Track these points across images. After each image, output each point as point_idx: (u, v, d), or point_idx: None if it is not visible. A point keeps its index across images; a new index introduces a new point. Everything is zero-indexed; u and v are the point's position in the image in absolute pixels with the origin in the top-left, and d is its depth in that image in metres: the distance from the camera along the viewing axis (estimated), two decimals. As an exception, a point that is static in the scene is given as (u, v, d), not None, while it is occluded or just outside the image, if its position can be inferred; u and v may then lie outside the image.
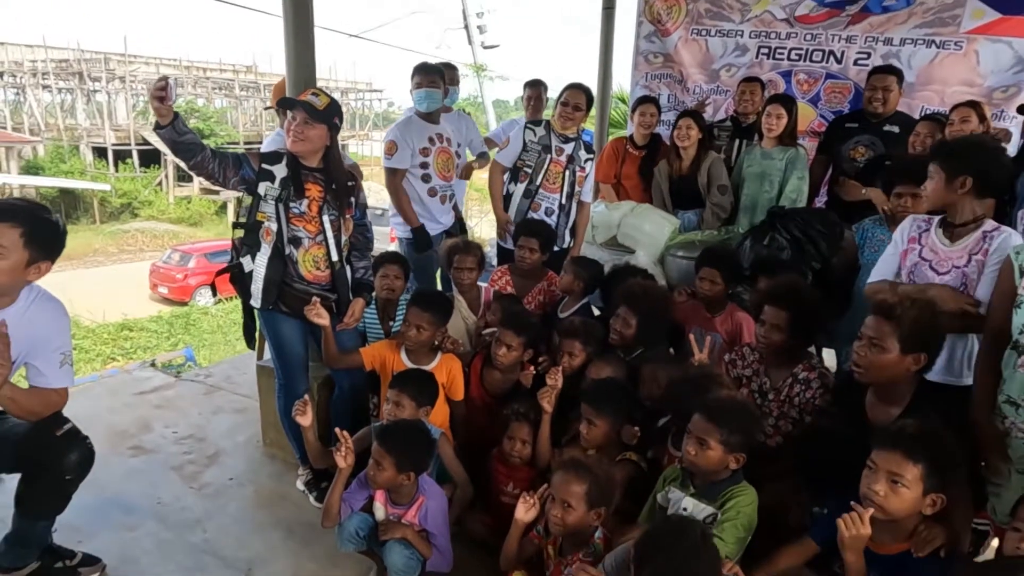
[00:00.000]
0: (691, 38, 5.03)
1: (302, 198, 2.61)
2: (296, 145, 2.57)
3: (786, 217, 3.56)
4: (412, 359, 2.79)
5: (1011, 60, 4.27)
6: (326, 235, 2.66)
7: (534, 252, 3.44)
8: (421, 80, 3.74)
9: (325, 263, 2.69)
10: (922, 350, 1.99)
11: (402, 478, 2.13)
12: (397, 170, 3.74)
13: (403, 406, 2.39)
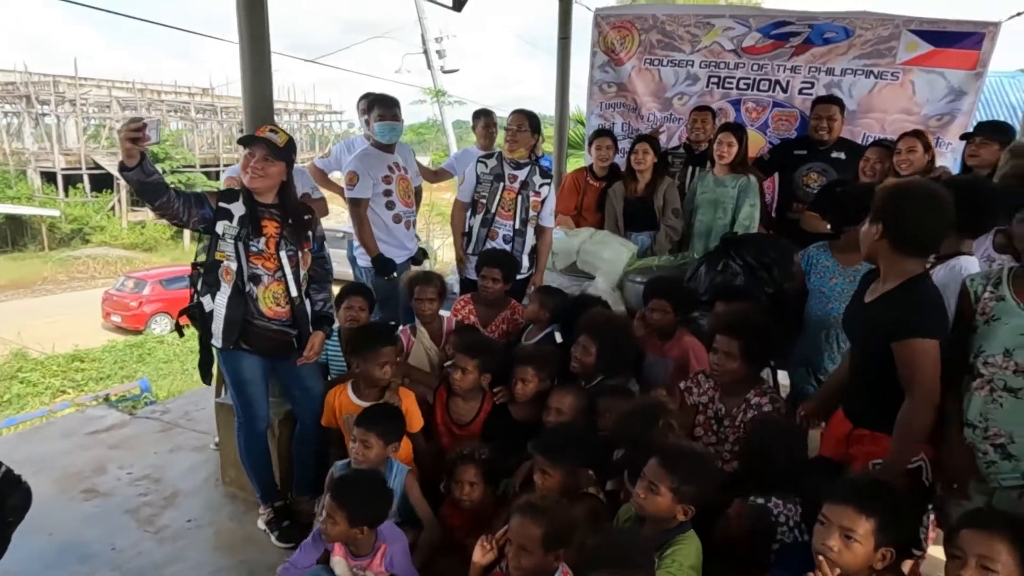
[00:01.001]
0: (644, 68, 5.17)
1: (260, 236, 2.60)
2: (255, 182, 2.57)
3: (739, 244, 3.68)
4: (360, 396, 2.78)
5: (944, 90, 4.52)
6: (284, 271, 2.65)
7: (497, 282, 3.48)
8: (384, 113, 3.81)
9: (285, 299, 2.68)
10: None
11: (355, 532, 2.10)
12: (361, 200, 3.76)
13: (371, 445, 2.38)
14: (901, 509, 1.76)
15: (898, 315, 2.00)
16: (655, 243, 4.33)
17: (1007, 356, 1.95)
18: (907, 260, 2.03)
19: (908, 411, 1.98)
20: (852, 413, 2.28)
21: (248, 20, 2.90)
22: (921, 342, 1.95)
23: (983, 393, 2.00)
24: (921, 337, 1.95)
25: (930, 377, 1.96)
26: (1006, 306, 1.98)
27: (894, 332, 1.99)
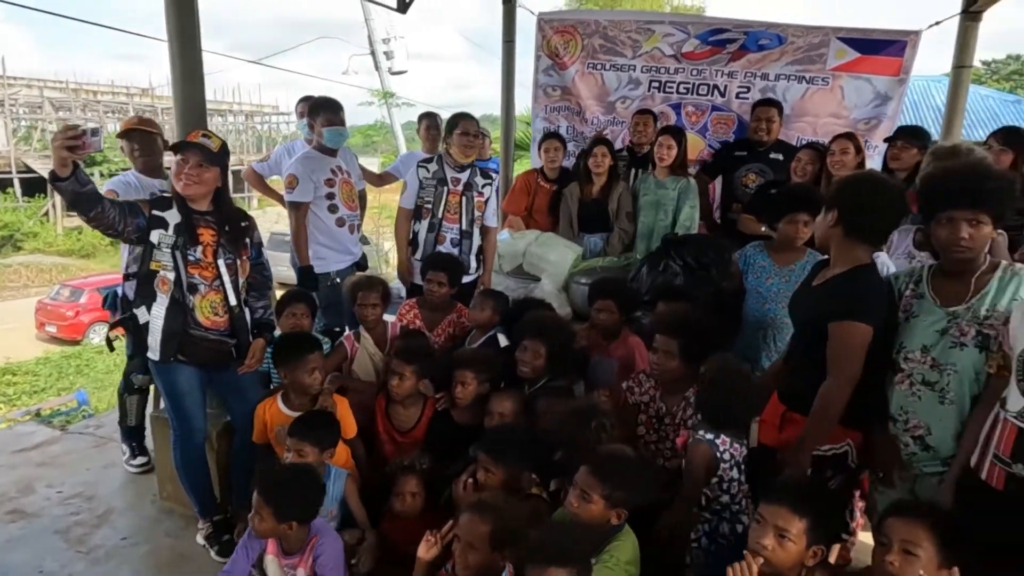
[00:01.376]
0: (587, 72, 5.24)
1: (196, 244, 2.54)
2: (189, 189, 2.50)
3: (680, 245, 3.77)
4: (291, 407, 2.73)
5: (871, 95, 4.73)
6: (223, 280, 2.59)
7: (442, 286, 3.48)
8: (332, 118, 3.76)
9: (223, 308, 2.62)
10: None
11: (284, 528, 2.06)
12: (300, 203, 3.70)
13: (306, 454, 2.35)
14: (832, 507, 1.83)
15: (840, 298, 2.08)
16: (608, 245, 4.40)
17: (925, 352, 2.04)
18: (858, 247, 2.12)
19: (827, 389, 2.06)
20: (786, 395, 2.35)
21: (177, 18, 2.79)
22: (855, 325, 2.03)
23: (903, 387, 2.09)
24: (856, 320, 2.03)
25: (855, 360, 2.04)
26: (924, 303, 2.07)
27: (834, 313, 2.07)
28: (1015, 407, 1.74)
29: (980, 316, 1.95)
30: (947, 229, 1.95)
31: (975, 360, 1.95)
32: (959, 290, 2.01)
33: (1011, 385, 1.76)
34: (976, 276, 1.99)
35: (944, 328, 2.01)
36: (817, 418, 2.10)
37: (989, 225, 1.93)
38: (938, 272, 2.09)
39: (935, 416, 2.03)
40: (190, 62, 2.84)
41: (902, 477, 2.15)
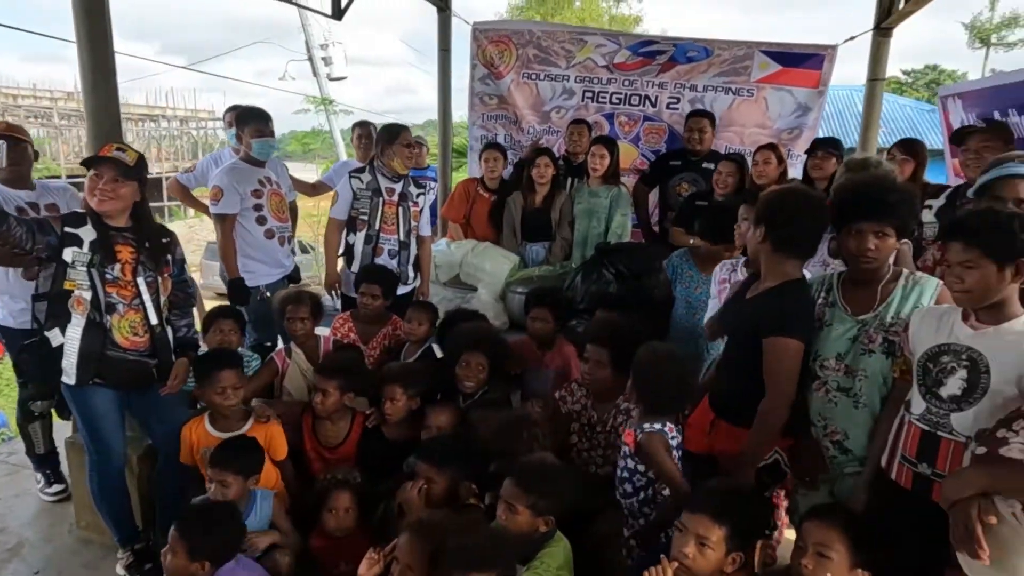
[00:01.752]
0: (522, 81, 5.29)
1: (114, 262, 2.43)
2: (105, 205, 2.40)
3: (612, 253, 3.84)
4: (218, 427, 2.65)
5: (793, 106, 4.93)
6: (143, 298, 2.50)
7: (376, 298, 3.44)
8: (262, 128, 3.69)
9: (143, 328, 2.52)
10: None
11: (195, 567, 1.99)
12: (226, 216, 3.61)
13: (229, 484, 2.27)
14: (754, 511, 1.89)
15: (771, 313, 2.13)
16: (550, 254, 4.43)
17: (839, 359, 2.12)
18: (787, 262, 2.16)
19: (766, 405, 2.12)
20: (716, 403, 2.41)
21: (86, 17, 2.61)
22: (787, 341, 2.08)
23: (820, 394, 2.17)
24: (788, 336, 2.09)
25: (790, 375, 2.10)
26: (836, 312, 2.16)
27: (765, 328, 2.12)
28: (917, 410, 1.82)
29: (886, 323, 2.05)
30: (855, 240, 2.04)
31: (883, 366, 2.04)
32: (867, 298, 2.10)
33: (913, 389, 1.86)
34: (882, 285, 2.09)
35: (855, 336, 2.10)
36: (758, 433, 2.14)
37: (893, 237, 2.03)
38: (847, 281, 2.18)
39: (851, 420, 2.12)
40: (102, 66, 2.69)
41: (825, 479, 2.24)
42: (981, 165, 2.78)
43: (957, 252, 1.71)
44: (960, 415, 1.72)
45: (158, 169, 29.38)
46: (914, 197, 2.09)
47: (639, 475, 2.27)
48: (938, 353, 1.79)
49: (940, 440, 1.76)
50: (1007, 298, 1.71)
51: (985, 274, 1.67)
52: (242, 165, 3.71)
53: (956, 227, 1.74)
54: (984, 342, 1.72)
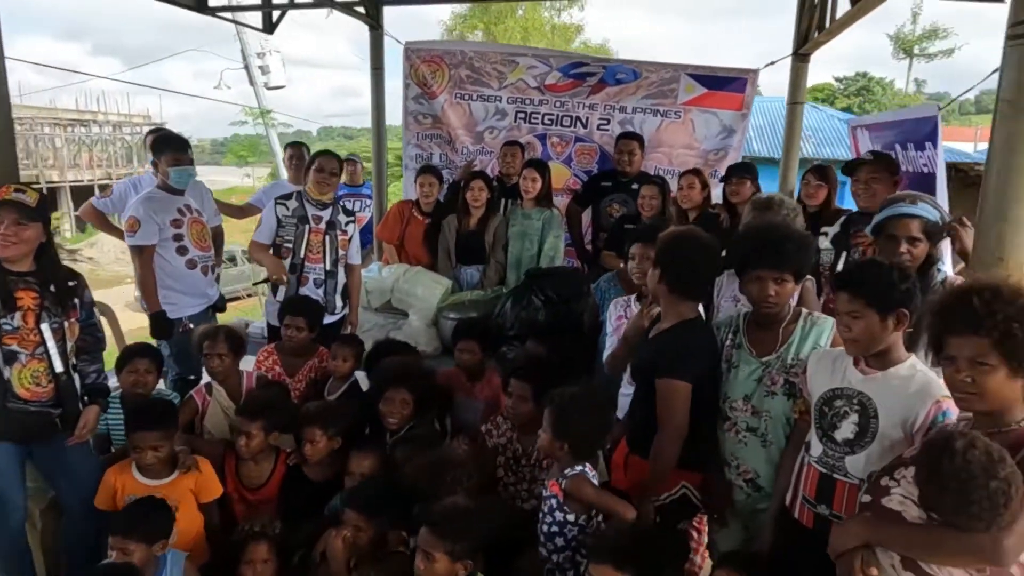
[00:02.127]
0: (455, 101, 5.28)
1: (13, 311, 2.31)
2: (8, 250, 2.28)
3: (541, 279, 3.86)
4: (145, 475, 2.55)
5: (718, 128, 5.08)
6: (47, 346, 2.37)
7: (301, 330, 3.36)
8: (179, 157, 3.57)
9: (47, 377, 2.39)
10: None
11: None
12: (144, 247, 3.48)
13: (131, 551, 2.16)
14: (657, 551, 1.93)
15: (664, 354, 2.21)
16: (484, 277, 4.42)
17: (746, 400, 2.19)
18: (682, 303, 2.25)
19: (658, 443, 2.19)
20: (630, 437, 2.46)
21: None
22: (673, 382, 2.16)
23: (731, 435, 2.24)
24: (675, 378, 2.16)
25: (678, 414, 2.16)
26: (742, 353, 2.23)
27: (658, 369, 2.20)
28: (815, 452, 1.90)
29: (787, 365, 2.13)
30: (756, 286, 2.13)
31: (785, 407, 2.13)
32: (770, 340, 2.19)
33: (811, 431, 1.93)
34: (783, 326, 2.18)
35: (759, 377, 2.18)
36: (652, 469, 2.22)
37: (791, 281, 2.13)
38: (752, 322, 2.26)
39: (760, 459, 2.19)
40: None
41: (734, 514, 2.30)
42: (870, 195, 2.98)
43: (844, 302, 1.80)
44: (853, 458, 1.80)
45: (90, 176, 28.28)
46: (809, 243, 2.20)
47: (570, 526, 2.24)
48: (832, 397, 1.86)
49: (836, 482, 1.84)
50: (892, 345, 1.80)
51: (870, 323, 1.76)
52: (159, 194, 3.59)
53: (843, 278, 1.84)
54: (873, 387, 1.80)
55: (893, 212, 2.28)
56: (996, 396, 1.45)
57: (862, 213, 3.02)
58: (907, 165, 3.25)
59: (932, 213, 2.25)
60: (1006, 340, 1.41)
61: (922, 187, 3.00)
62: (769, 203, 2.78)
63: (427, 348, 4.00)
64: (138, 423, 2.52)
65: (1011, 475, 1.31)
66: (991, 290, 1.46)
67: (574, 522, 2.25)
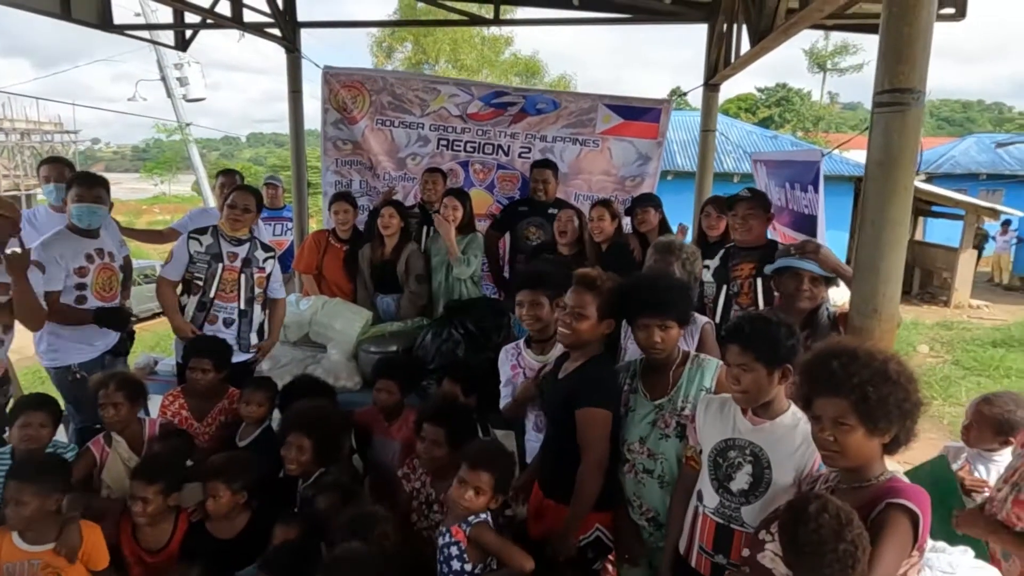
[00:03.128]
0: (376, 128, 5.24)
1: None
2: None
3: (461, 311, 3.87)
4: (27, 540, 2.38)
5: (635, 155, 5.23)
6: None
7: (207, 372, 3.24)
8: (83, 193, 3.35)
9: None
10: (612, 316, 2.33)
11: None
12: (52, 292, 3.25)
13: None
14: None
15: (583, 384, 2.27)
16: (400, 308, 4.38)
17: (642, 443, 2.27)
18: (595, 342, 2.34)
19: (583, 472, 2.24)
20: (544, 483, 2.50)
21: None
22: (595, 411, 2.23)
23: (631, 476, 2.31)
24: (596, 407, 2.23)
25: (602, 442, 2.23)
26: (638, 398, 2.31)
27: (578, 401, 2.24)
28: (711, 503, 1.97)
29: (678, 407, 2.22)
30: (643, 333, 2.22)
31: (678, 448, 2.20)
32: (662, 383, 2.28)
33: (705, 481, 2.00)
34: (673, 369, 2.28)
35: (653, 420, 2.25)
36: (578, 500, 2.25)
37: (676, 327, 2.22)
38: (646, 367, 2.35)
39: (659, 499, 2.26)
40: None
41: (642, 553, 2.36)
42: (746, 229, 3.19)
43: (734, 355, 1.88)
44: (749, 508, 1.89)
45: (-7, 187, 26.52)
46: (689, 289, 2.36)
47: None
48: (725, 448, 1.94)
49: (734, 532, 1.91)
50: (776, 396, 1.90)
51: (758, 377, 1.85)
52: (67, 234, 3.37)
53: (733, 332, 1.91)
54: (762, 437, 1.89)
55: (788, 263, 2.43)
56: (856, 454, 1.55)
57: (739, 247, 3.21)
58: (793, 204, 3.44)
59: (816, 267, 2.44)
60: (862, 402, 1.51)
61: (803, 227, 3.21)
62: (670, 247, 2.89)
63: (348, 383, 3.92)
64: (12, 473, 2.36)
65: (858, 537, 1.40)
66: (848, 354, 1.56)
67: (471, 572, 2.25)
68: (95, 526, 2.54)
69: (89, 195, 3.37)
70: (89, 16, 5.01)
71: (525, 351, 2.84)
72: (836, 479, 1.67)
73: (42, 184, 3.96)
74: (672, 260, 2.83)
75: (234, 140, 70.11)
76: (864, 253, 2.10)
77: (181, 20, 5.77)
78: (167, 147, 33.21)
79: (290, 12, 5.43)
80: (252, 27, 5.29)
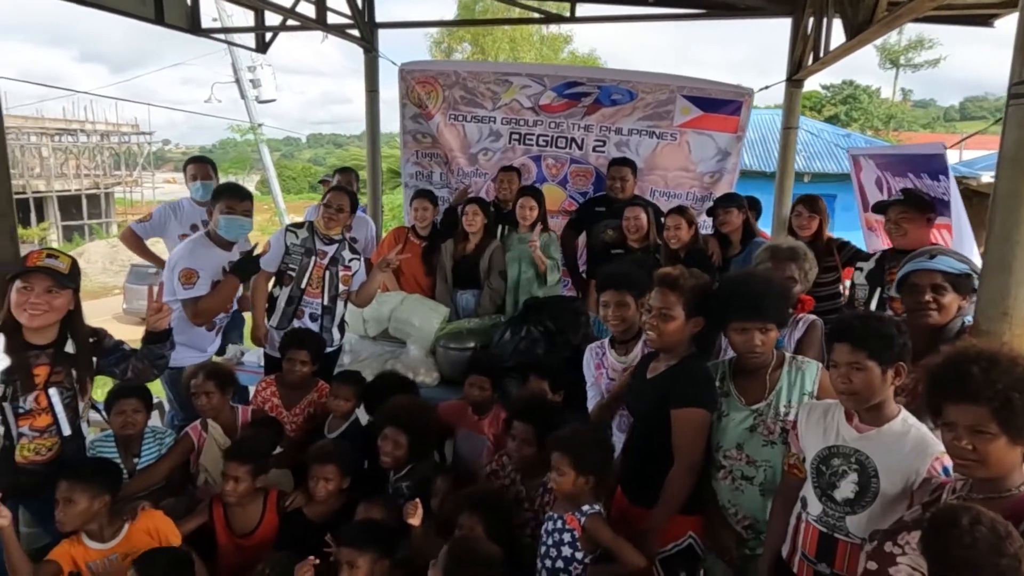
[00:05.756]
0: (450, 123, 5.26)
1: (31, 390, 2.25)
2: (37, 320, 2.21)
3: (539, 309, 3.86)
4: (96, 539, 2.43)
5: (714, 150, 5.08)
6: (58, 420, 2.32)
7: (304, 364, 3.33)
8: (234, 206, 3.40)
9: (50, 446, 2.35)
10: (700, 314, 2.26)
11: None
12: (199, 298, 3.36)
13: None
14: None
15: (677, 385, 2.23)
16: (479, 304, 4.40)
17: (739, 449, 2.20)
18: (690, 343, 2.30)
19: (674, 475, 2.19)
20: (627, 486, 2.46)
21: None
22: (694, 411, 2.18)
23: (727, 483, 2.24)
24: (692, 407, 2.18)
25: (698, 445, 2.18)
26: (732, 401, 2.24)
27: (671, 401, 2.20)
28: (814, 511, 1.88)
29: (780, 413, 2.14)
30: (741, 337, 2.15)
31: (783, 455, 2.11)
32: (758, 387, 2.20)
33: (808, 489, 1.91)
34: (769, 373, 2.20)
35: (752, 425, 2.18)
36: (664, 503, 2.21)
37: (775, 330, 2.16)
38: (738, 370, 2.27)
39: (759, 507, 2.19)
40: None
41: (737, 555, 2.29)
42: (901, 233, 3.03)
43: (845, 354, 1.79)
44: (855, 518, 1.79)
45: (77, 186, 28.03)
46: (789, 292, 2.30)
47: (576, 564, 2.25)
48: (828, 456, 1.86)
49: (838, 542, 1.83)
50: (886, 399, 1.80)
51: (870, 375, 1.76)
52: (207, 244, 3.45)
53: (843, 330, 1.82)
54: (869, 445, 1.80)
55: (912, 267, 2.31)
56: (997, 463, 1.46)
57: (896, 251, 3.05)
58: (928, 192, 3.28)
59: (955, 266, 2.26)
60: (1005, 409, 1.42)
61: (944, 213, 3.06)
62: (793, 254, 2.73)
63: (426, 378, 3.96)
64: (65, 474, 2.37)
65: (1021, 550, 1.30)
66: (988, 359, 1.47)
67: (581, 560, 2.25)
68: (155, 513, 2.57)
69: (239, 208, 3.44)
70: (180, 21, 5.21)
71: (609, 352, 2.80)
72: (966, 489, 1.56)
73: (189, 182, 4.19)
74: (794, 268, 2.69)
75: (295, 141, 72.05)
76: (994, 253, 1.97)
77: (261, 23, 5.95)
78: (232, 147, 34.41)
79: (369, 13, 5.52)
80: (332, 28, 5.40)
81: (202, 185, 4.15)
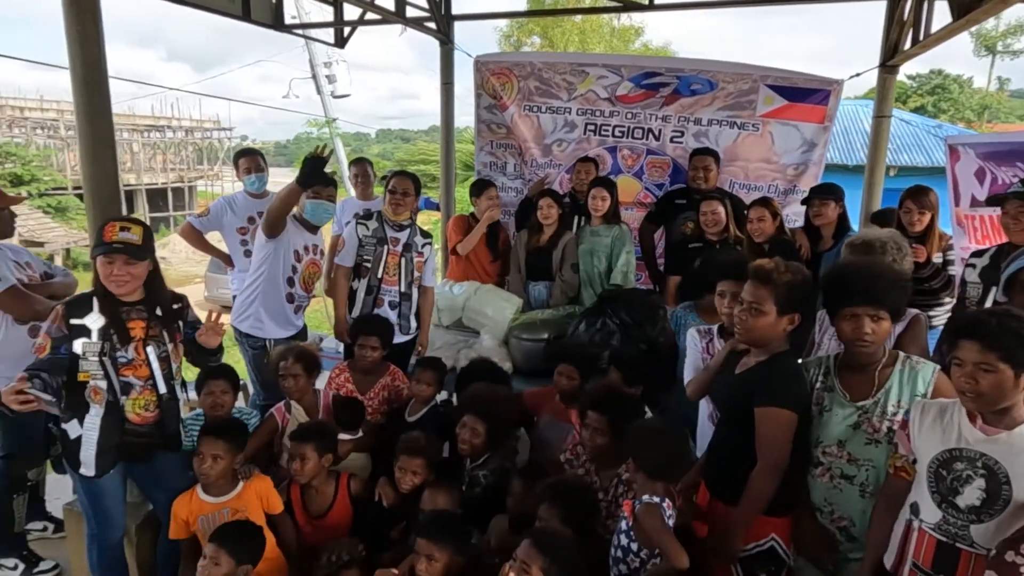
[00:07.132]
0: (524, 114, 5.23)
1: (128, 342, 2.40)
2: (124, 288, 2.37)
3: (615, 301, 3.80)
4: (212, 493, 2.63)
5: (799, 141, 4.85)
6: (155, 375, 2.46)
7: (375, 350, 3.40)
8: (319, 191, 3.50)
9: (155, 403, 2.49)
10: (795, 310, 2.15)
11: None
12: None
13: (221, 563, 2.23)
14: None
15: (763, 382, 2.13)
16: (551, 296, 4.37)
17: (841, 446, 2.09)
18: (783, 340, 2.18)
19: (757, 475, 2.10)
20: (711, 481, 2.38)
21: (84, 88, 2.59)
22: (779, 411, 2.08)
23: (824, 480, 2.13)
24: (778, 406, 2.08)
25: (782, 445, 2.08)
26: (835, 396, 2.12)
27: (757, 398, 2.11)
28: (931, 519, 1.75)
29: (888, 412, 2.01)
30: (851, 324, 2.02)
31: (891, 456, 1.99)
32: (864, 384, 2.08)
33: (923, 494, 1.78)
34: (878, 370, 2.06)
35: (856, 423, 2.06)
36: (746, 503, 2.12)
37: (888, 320, 2.01)
38: (844, 365, 2.15)
39: (857, 508, 2.08)
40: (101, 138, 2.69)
41: (830, 560, 2.19)
42: (1019, 228, 2.81)
43: (973, 353, 1.65)
44: (981, 527, 1.67)
45: (163, 179, 29.67)
46: (905, 281, 2.11)
47: (632, 555, 2.20)
48: (950, 459, 1.73)
49: (960, 552, 1.70)
50: (1016, 403, 1.66)
51: (1001, 379, 1.62)
52: (294, 224, 3.58)
53: (973, 327, 1.68)
54: (998, 449, 1.66)
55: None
56: None
57: (1014, 245, 2.84)
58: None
59: None
60: None
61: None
62: (868, 248, 2.59)
63: (499, 368, 3.97)
64: (207, 430, 2.65)
65: None
66: None
67: (636, 552, 2.18)
68: (264, 478, 2.74)
69: (324, 193, 3.55)
70: (264, 17, 5.39)
71: (718, 340, 2.72)
72: None
73: (243, 175, 4.27)
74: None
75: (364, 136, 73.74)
76: None
77: (340, 18, 6.09)
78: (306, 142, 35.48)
79: (446, 6, 5.56)
80: (410, 22, 5.46)
81: (257, 178, 4.21)
